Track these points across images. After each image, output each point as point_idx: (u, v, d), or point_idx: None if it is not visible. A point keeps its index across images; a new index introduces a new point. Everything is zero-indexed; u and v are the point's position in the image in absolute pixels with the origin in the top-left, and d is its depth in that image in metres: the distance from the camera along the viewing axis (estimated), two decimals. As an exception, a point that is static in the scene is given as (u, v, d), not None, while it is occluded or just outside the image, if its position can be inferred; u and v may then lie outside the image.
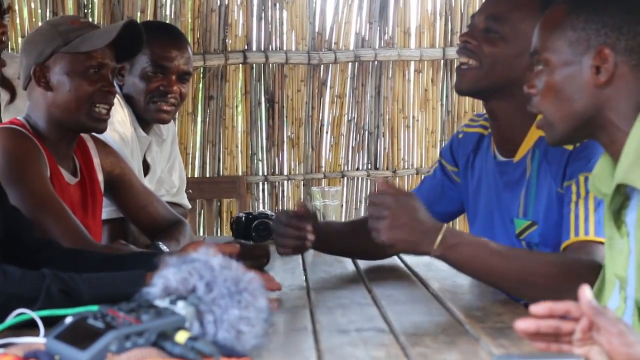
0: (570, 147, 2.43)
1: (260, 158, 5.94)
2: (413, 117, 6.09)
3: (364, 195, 6.08)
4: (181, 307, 1.62)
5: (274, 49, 5.86)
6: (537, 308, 1.56)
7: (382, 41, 5.99)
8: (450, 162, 2.80)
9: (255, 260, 2.62)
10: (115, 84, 2.81)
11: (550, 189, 2.45)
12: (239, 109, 5.97)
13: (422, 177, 2.91)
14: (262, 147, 5.95)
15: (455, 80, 2.61)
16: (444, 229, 2.20)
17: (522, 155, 2.54)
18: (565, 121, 1.97)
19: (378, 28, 5.98)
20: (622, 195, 1.90)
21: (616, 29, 1.90)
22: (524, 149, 2.53)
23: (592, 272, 2.17)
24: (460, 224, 5.31)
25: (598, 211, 2.32)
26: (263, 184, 5.96)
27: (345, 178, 6.06)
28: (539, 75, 2.00)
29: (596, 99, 1.92)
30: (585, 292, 1.52)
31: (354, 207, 6.04)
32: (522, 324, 1.56)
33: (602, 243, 2.27)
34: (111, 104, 2.76)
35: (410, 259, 2.86)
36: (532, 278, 2.20)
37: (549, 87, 1.97)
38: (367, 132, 6.05)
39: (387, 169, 6.05)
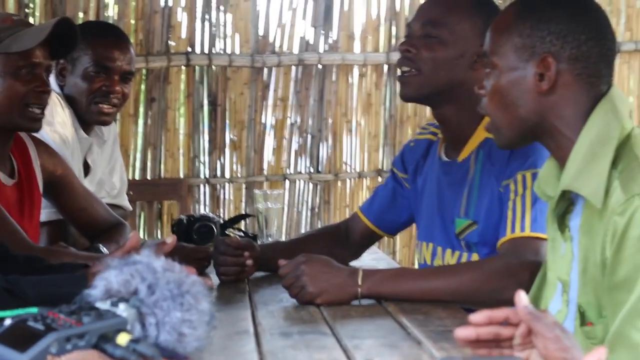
0: None
1: (202, 161, 5.92)
2: (356, 121, 6.11)
3: (306, 198, 6.08)
4: (123, 309, 1.60)
5: (217, 52, 5.84)
6: (476, 317, 1.54)
7: (326, 45, 6.00)
8: (400, 170, 2.83)
9: (197, 262, 2.61)
10: (51, 83, 2.77)
11: (493, 189, 2.48)
12: (181, 111, 5.94)
13: (364, 181, 2.94)
14: (204, 150, 5.92)
15: (399, 87, 2.61)
16: (360, 268, 2.30)
17: (467, 155, 2.57)
18: (511, 126, 1.98)
19: (322, 32, 5.99)
20: (567, 200, 1.92)
21: (561, 37, 1.92)
22: (468, 149, 2.56)
23: (524, 270, 2.22)
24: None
25: (535, 207, 2.36)
26: (204, 187, 5.93)
27: (288, 181, 6.06)
28: (488, 78, 2.01)
29: (540, 105, 1.94)
30: (521, 297, 1.52)
31: (296, 210, 6.04)
32: (462, 332, 1.54)
33: (539, 238, 2.31)
34: (45, 104, 2.71)
35: (352, 262, 2.86)
36: (462, 288, 2.25)
37: (495, 91, 1.99)
38: (309, 136, 6.05)
39: (329, 172, 6.05)
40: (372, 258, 2.97)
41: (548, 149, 1.99)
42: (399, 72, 2.60)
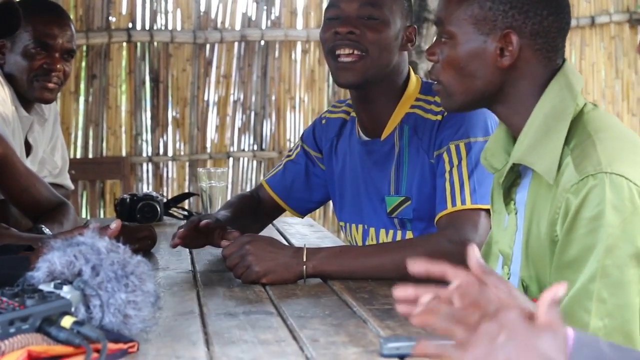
0: (438, 118, 2.49)
1: (145, 138, 5.89)
2: (299, 97, 6.11)
3: (250, 176, 6.07)
4: (67, 292, 1.59)
5: (159, 28, 5.79)
6: (414, 265, 1.50)
7: (269, 21, 5.98)
8: (313, 148, 2.81)
9: (140, 242, 2.59)
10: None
11: (423, 162, 2.50)
12: (123, 88, 5.90)
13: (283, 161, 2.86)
14: (146, 128, 5.89)
15: (338, 72, 2.51)
16: (304, 247, 2.29)
17: (389, 132, 2.57)
18: (465, 94, 1.95)
19: (265, 8, 5.97)
20: (514, 172, 1.93)
21: (523, 12, 1.89)
22: (390, 126, 2.57)
23: (464, 247, 2.23)
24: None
25: (472, 178, 2.37)
26: (147, 165, 5.90)
27: (231, 159, 6.04)
28: (442, 46, 1.97)
29: (498, 78, 1.92)
30: (474, 251, 1.53)
31: (240, 188, 6.03)
32: (401, 292, 1.49)
33: (479, 209, 2.33)
34: None
35: (297, 241, 2.86)
36: (406, 264, 2.25)
37: (451, 61, 1.94)
38: (253, 113, 6.04)
39: (273, 149, 6.05)
40: (317, 237, 2.97)
41: (499, 117, 1.97)
42: (339, 56, 2.49)
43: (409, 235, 2.54)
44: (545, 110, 1.87)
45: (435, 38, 2.03)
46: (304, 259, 2.25)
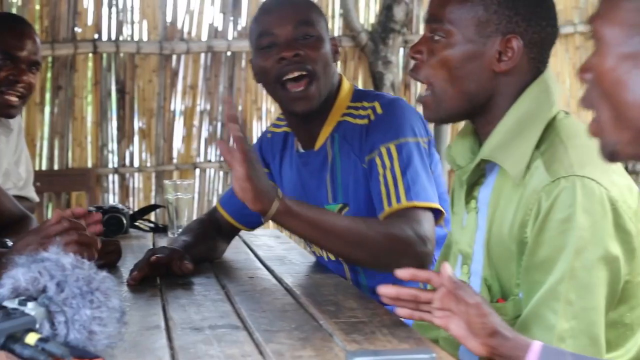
0: (365, 122, 2.52)
1: (111, 150, 5.86)
2: (266, 108, 6.11)
3: (216, 187, 6.06)
4: (31, 308, 1.58)
5: (125, 39, 5.78)
6: (401, 272, 1.72)
7: (236, 32, 5.98)
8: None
9: (106, 257, 2.57)
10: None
11: (356, 167, 2.54)
12: (89, 99, 5.87)
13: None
14: (112, 139, 5.86)
15: (292, 103, 2.52)
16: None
17: (322, 143, 2.61)
18: (455, 99, 1.91)
19: (231, 19, 5.96)
20: (480, 170, 1.93)
21: (526, 20, 1.88)
22: (323, 137, 2.61)
23: (412, 246, 2.27)
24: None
25: (406, 177, 2.40)
26: (113, 176, 5.87)
27: (198, 170, 6.03)
28: (432, 45, 1.93)
29: (492, 83, 1.90)
30: (446, 267, 1.68)
31: (206, 199, 6.01)
32: (385, 290, 1.73)
33: (415, 207, 2.35)
34: None
35: (264, 252, 2.86)
36: (367, 242, 2.28)
37: (446, 61, 1.90)
38: (219, 124, 6.03)
39: (239, 160, 6.03)
40: (284, 248, 2.97)
41: (477, 125, 1.96)
42: (286, 83, 2.50)
43: None
44: (520, 111, 1.88)
45: (422, 35, 1.97)
46: (278, 193, 2.20)
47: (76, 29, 5.69)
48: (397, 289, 1.73)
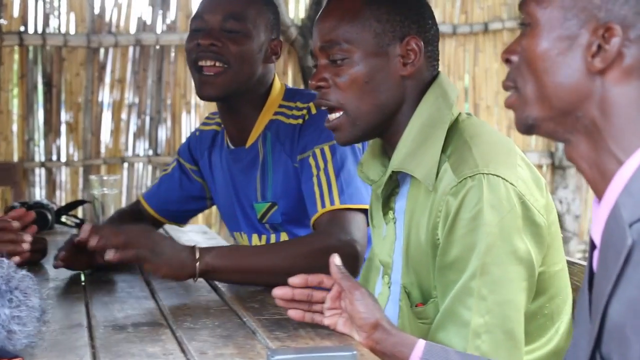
0: (299, 122, 2.53)
1: (37, 143, 5.79)
2: (195, 102, 6.08)
3: (145, 181, 6.02)
4: (-52, 308, 1.56)
5: (51, 31, 5.71)
6: (294, 279, 1.80)
7: (165, 25, 5.94)
8: (188, 161, 2.85)
9: (31, 254, 2.54)
10: None
11: (287, 166, 2.54)
12: (15, 92, 5.80)
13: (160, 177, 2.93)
14: (39, 132, 5.79)
15: (201, 86, 2.52)
16: (195, 245, 2.23)
17: (253, 140, 2.62)
18: (370, 113, 1.93)
19: (160, 12, 5.93)
20: (393, 181, 1.95)
21: (415, 21, 1.93)
22: (254, 134, 2.61)
23: (339, 251, 2.27)
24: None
25: (340, 179, 2.41)
26: (40, 170, 5.81)
27: (126, 164, 5.99)
28: (334, 70, 1.94)
29: (400, 89, 1.93)
30: (335, 259, 1.74)
31: (134, 193, 5.97)
32: (279, 291, 1.81)
33: (350, 209, 2.37)
34: None
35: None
36: (297, 265, 2.26)
37: (355, 80, 1.92)
38: (148, 117, 5.99)
39: (168, 154, 6.01)
40: (210, 244, 2.96)
41: (384, 138, 1.98)
42: (202, 68, 2.50)
43: (284, 236, 2.58)
44: (422, 119, 1.91)
45: (318, 66, 1.97)
46: (197, 256, 2.22)
47: (2, 20, 5.62)
48: (293, 290, 1.80)
